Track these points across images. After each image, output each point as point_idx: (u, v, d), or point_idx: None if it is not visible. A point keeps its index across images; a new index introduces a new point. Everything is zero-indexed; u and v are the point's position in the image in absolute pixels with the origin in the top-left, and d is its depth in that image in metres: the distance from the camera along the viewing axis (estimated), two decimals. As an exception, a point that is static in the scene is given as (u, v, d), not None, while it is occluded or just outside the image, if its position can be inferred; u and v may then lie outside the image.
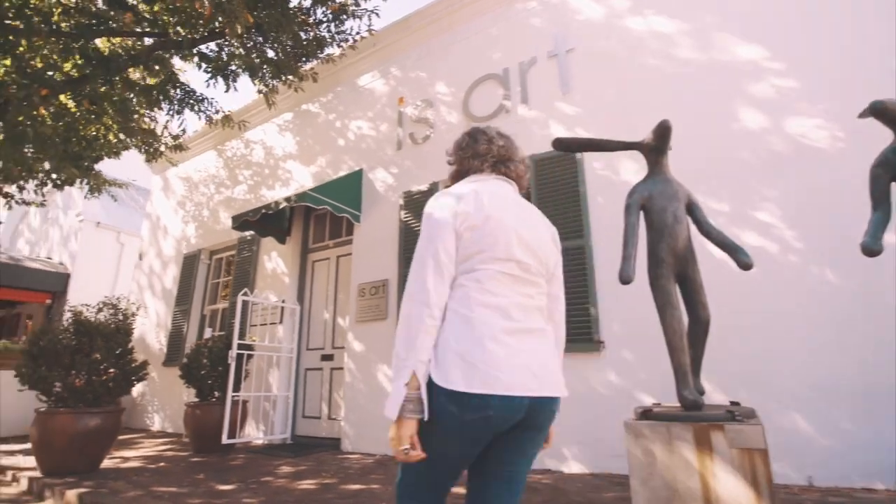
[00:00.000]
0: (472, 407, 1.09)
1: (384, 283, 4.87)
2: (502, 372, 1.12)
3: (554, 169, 4.23)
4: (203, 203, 7.40)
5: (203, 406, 4.77)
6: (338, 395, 5.17)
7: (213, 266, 7.14)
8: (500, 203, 1.28)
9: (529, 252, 1.27)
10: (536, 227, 1.33)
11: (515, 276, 1.24)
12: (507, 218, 1.26)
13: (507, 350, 1.15)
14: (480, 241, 1.22)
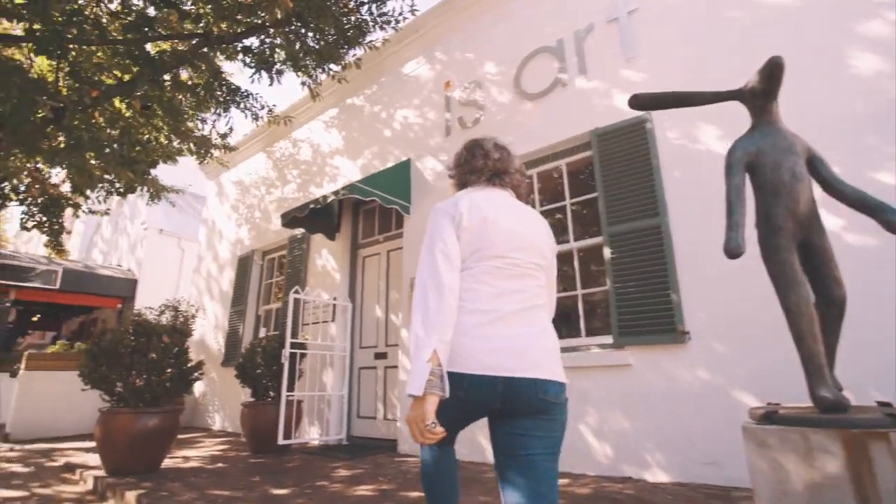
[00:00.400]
0: (464, 383, 1.21)
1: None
2: (480, 355, 1.22)
3: (620, 142, 3.80)
4: (254, 205, 7.46)
5: (258, 406, 4.70)
6: (393, 395, 4.96)
7: (265, 266, 7.17)
8: (494, 206, 1.38)
9: (524, 248, 1.36)
10: (531, 224, 1.42)
11: (511, 271, 1.33)
12: (501, 218, 1.36)
13: (491, 336, 1.24)
14: (477, 241, 1.32)
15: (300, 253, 6.20)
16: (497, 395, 1.23)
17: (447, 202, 1.40)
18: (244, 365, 4.89)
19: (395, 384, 4.95)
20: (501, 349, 1.24)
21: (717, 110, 3.45)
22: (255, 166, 7.73)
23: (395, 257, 5.39)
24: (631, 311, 3.44)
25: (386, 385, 5.08)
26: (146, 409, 3.73)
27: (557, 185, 4.45)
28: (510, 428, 1.26)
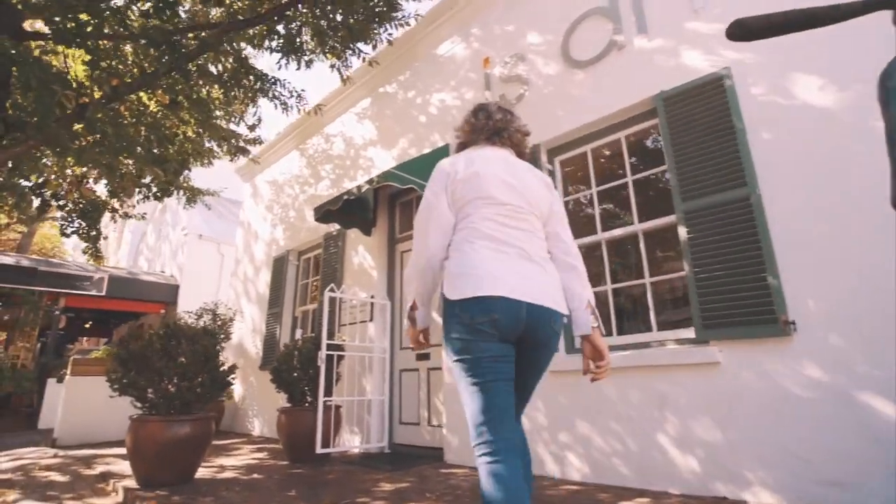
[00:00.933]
0: (477, 307, 1.29)
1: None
2: (502, 280, 1.32)
3: (692, 105, 3.27)
4: (289, 204, 7.28)
5: (295, 412, 4.41)
6: (437, 399, 4.57)
7: (301, 267, 6.96)
8: (487, 161, 1.52)
9: (516, 194, 1.48)
10: (523, 176, 1.54)
11: (506, 215, 1.45)
12: (492, 170, 1.50)
13: (505, 267, 1.36)
14: (471, 190, 1.47)
15: (335, 251, 5.92)
16: (521, 321, 1.32)
17: (449, 159, 1.57)
18: (279, 369, 4.62)
19: (439, 387, 4.56)
20: (518, 278, 1.34)
21: (813, 55, 2.88)
22: (289, 165, 7.56)
23: (435, 251, 5.01)
24: (717, 298, 2.91)
25: (430, 388, 4.69)
26: (177, 416, 3.49)
27: (615, 161, 3.94)
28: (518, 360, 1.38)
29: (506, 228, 1.43)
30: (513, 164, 1.55)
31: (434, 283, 1.52)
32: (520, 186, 1.50)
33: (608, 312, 3.59)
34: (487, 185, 1.46)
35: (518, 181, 1.50)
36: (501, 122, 1.64)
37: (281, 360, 4.64)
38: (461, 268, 1.36)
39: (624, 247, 3.86)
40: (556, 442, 3.42)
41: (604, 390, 3.26)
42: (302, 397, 4.55)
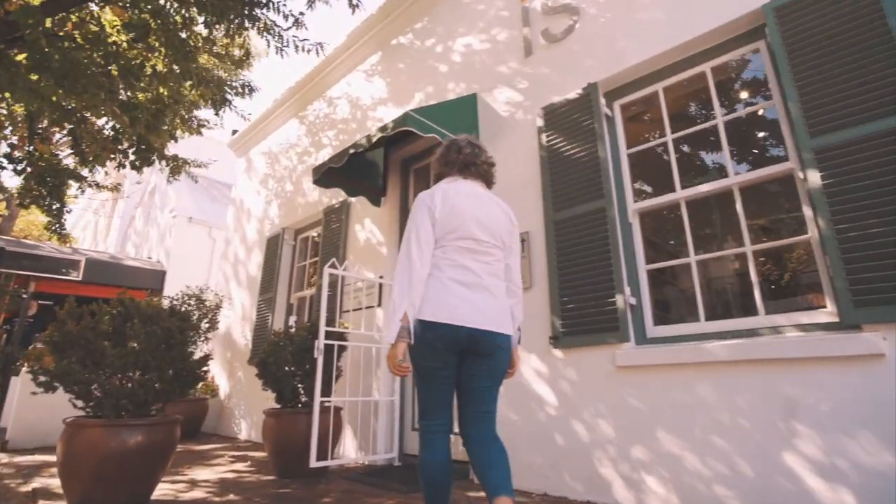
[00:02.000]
0: (433, 329, 1.69)
1: (524, 239, 3.35)
2: (454, 309, 1.70)
3: (823, 12, 2.42)
4: (285, 177, 6.44)
5: (285, 415, 3.57)
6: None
7: (298, 247, 6.12)
8: (461, 196, 1.83)
9: (485, 230, 1.82)
10: (491, 211, 1.87)
11: (474, 249, 1.80)
12: (465, 206, 1.81)
13: (461, 297, 1.72)
14: (447, 224, 1.78)
15: (337, 226, 5.08)
16: (462, 340, 1.70)
17: (426, 193, 1.87)
18: (267, 362, 3.78)
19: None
20: (468, 307, 1.71)
21: None
22: (286, 135, 6.72)
23: (458, 222, 4.17)
24: (875, 266, 2.06)
25: (450, 388, 3.84)
26: (127, 420, 2.65)
27: (696, 101, 3.10)
28: (468, 367, 1.76)
29: (471, 262, 1.78)
30: (483, 200, 1.87)
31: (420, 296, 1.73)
32: (488, 221, 1.83)
33: (693, 291, 2.74)
34: (460, 222, 1.78)
35: (486, 216, 1.83)
36: (470, 156, 1.95)
37: (269, 352, 3.80)
38: (429, 294, 1.72)
39: (716, 207, 3.02)
40: (628, 459, 2.57)
41: (697, 390, 2.42)
42: (294, 397, 3.71)
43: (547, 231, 3.20)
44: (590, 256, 2.95)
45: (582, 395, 2.82)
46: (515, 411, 3.10)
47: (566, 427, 2.84)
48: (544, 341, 3.06)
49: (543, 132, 3.42)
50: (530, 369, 3.10)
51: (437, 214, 1.78)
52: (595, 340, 2.81)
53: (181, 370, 2.93)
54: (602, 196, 2.99)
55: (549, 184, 3.28)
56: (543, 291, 3.14)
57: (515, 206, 3.47)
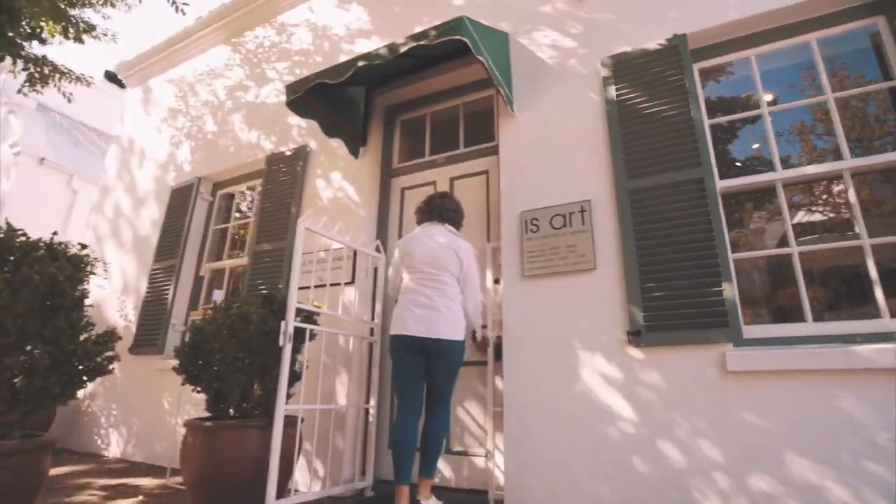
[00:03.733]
0: (394, 339, 2.43)
1: (583, 209, 2.67)
2: (407, 324, 2.38)
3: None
4: (205, 114, 4.97)
5: (226, 430, 2.39)
6: (470, 409, 2.90)
7: (219, 205, 4.71)
8: (417, 239, 2.57)
9: (432, 263, 2.47)
10: (437, 250, 2.50)
11: (424, 279, 2.46)
12: (420, 247, 2.52)
13: (413, 314, 2.39)
14: (408, 261, 2.54)
15: (288, 178, 3.91)
16: (416, 345, 2.36)
17: (402, 240, 2.70)
18: (195, 351, 2.55)
19: (470, 393, 2.90)
20: (421, 321, 2.36)
21: None
22: (211, 63, 5.24)
23: (470, 186, 3.36)
24: None
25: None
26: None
27: (795, 72, 2.73)
28: (430, 365, 2.40)
29: (422, 287, 2.45)
30: (437, 241, 2.53)
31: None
32: (434, 257, 2.48)
33: (790, 288, 2.30)
34: (413, 260, 2.51)
35: (434, 254, 2.49)
36: (437, 206, 2.67)
37: (198, 338, 2.57)
38: (394, 315, 2.49)
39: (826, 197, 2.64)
40: (746, 491, 2.00)
41: (840, 404, 1.94)
42: (237, 403, 2.53)
43: (619, 201, 2.56)
44: (684, 235, 2.37)
45: (673, 407, 2.20)
46: (571, 427, 2.37)
47: (650, 449, 2.20)
48: (615, 337, 2.39)
49: (612, 84, 2.80)
50: (592, 372, 2.40)
51: (403, 252, 2.60)
52: (694, 338, 2.22)
53: (72, 352, 1.67)
54: (699, 164, 2.44)
55: (620, 144, 2.66)
56: (614, 275, 2.49)
57: (567, 166, 2.80)
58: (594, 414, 2.34)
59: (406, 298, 2.44)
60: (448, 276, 2.44)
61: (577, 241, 2.61)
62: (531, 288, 2.68)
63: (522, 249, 2.74)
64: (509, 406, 2.55)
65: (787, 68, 2.74)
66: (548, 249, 2.67)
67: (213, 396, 2.48)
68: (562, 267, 2.60)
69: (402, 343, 2.37)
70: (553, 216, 2.72)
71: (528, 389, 2.53)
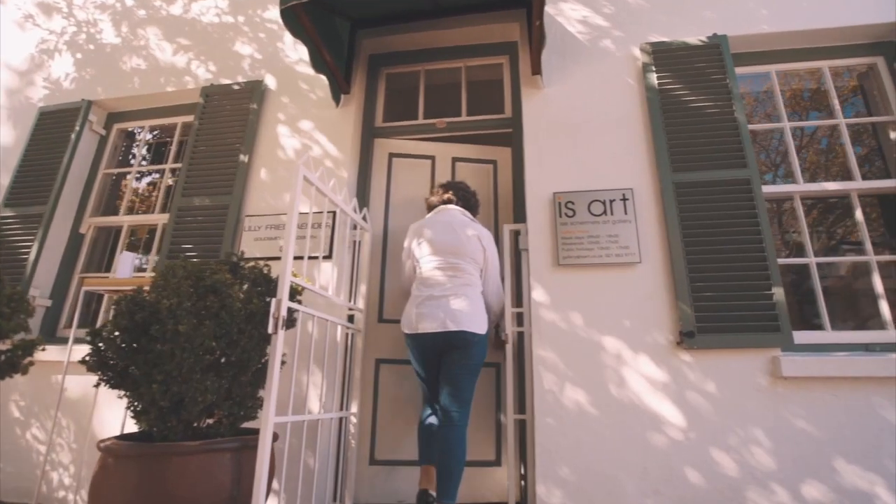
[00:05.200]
0: (408, 338, 2.19)
1: (625, 196, 2.45)
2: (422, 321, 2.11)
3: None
4: (101, 20, 3.73)
5: (184, 457, 1.62)
6: (481, 417, 2.49)
7: (115, 143, 3.54)
8: (432, 224, 2.31)
9: (449, 250, 2.22)
10: (457, 234, 2.24)
11: (444, 266, 2.20)
12: (435, 234, 2.26)
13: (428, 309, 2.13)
14: (418, 249, 2.29)
15: (237, 120, 3.06)
16: (438, 341, 2.10)
17: (415, 224, 2.41)
18: (135, 337, 1.73)
19: (492, 396, 2.50)
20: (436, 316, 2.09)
21: None
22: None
23: (472, 172, 2.95)
24: None
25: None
26: None
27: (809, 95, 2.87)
28: (447, 359, 2.11)
29: (441, 276, 2.19)
30: (453, 227, 2.27)
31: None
32: (454, 246, 2.22)
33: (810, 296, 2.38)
34: (430, 246, 2.25)
35: (451, 239, 2.23)
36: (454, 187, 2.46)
37: (141, 318, 1.74)
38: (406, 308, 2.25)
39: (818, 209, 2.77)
40: (798, 498, 1.94)
41: (883, 410, 1.99)
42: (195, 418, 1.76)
43: (664, 194, 2.40)
44: (732, 235, 2.29)
45: (725, 414, 2.08)
46: (615, 437, 2.12)
47: (702, 458, 2.04)
48: (662, 338, 2.21)
49: (652, 72, 2.65)
50: (637, 376, 2.19)
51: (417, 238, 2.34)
52: (746, 342, 2.13)
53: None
54: (745, 165, 2.40)
55: (663, 135, 2.51)
56: (660, 270, 2.31)
57: (606, 150, 2.57)
58: (641, 422, 2.13)
59: (420, 291, 2.20)
60: (470, 264, 2.22)
61: (619, 231, 2.39)
62: (566, 279, 2.38)
63: (556, 235, 2.43)
64: (540, 412, 2.21)
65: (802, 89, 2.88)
66: (586, 238, 2.40)
67: (160, 406, 1.69)
68: (603, 258, 2.35)
69: (416, 343, 2.16)
70: (591, 202, 2.46)
71: (562, 394, 2.22)
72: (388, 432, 2.57)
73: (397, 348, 2.74)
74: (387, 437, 2.56)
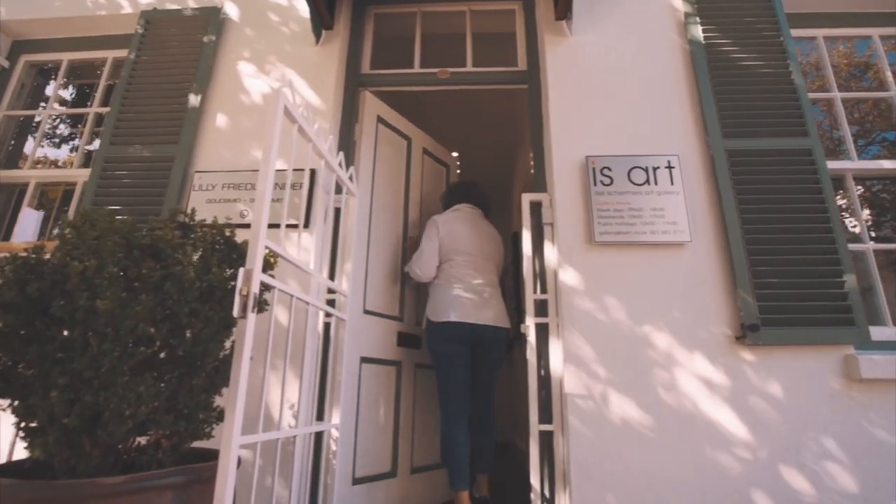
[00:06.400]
0: (444, 328, 2.12)
1: (671, 164, 2.06)
2: (455, 311, 2.14)
3: None
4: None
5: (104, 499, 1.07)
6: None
7: (22, 80, 2.79)
8: (459, 222, 2.34)
9: (477, 249, 2.31)
10: (482, 236, 2.36)
11: (469, 263, 2.27)
12: (463, 230, 2.31)
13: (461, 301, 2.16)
14: (450, 244, 2.28)
15: (187, 54, 2.43)
16: (461, 332, 2.12)
17: (440, 217, 2.35)
18: (24, 319, 1.14)
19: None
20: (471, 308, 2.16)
21: None
22: None
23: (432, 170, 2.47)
24: None
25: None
26: None
27: (856, 65, 2.59)
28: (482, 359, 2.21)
29: (468, 274, 2.25)
30: (478, 227, 2.38)
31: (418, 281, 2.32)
32: (479, 245, 2.32)
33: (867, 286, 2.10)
34: (460, 243, 2.28)
35: (478, 240, 2.33)
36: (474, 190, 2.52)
37: (38, 290, 1.16)
38: (440, 301, 2.19)
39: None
40: (880, 530, 1.63)
41: (967, 424, 1.71)
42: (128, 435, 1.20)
43: (716, 162, 2.04)
44: (796, 212, 1.95)
45: (795, 424, 1.74)
46: (665, 452, 1.73)
47: (773, 478, 1.69)
48: (718, 332, 1.84)
49: (696, 24, 2.28)
50: (691, 377, 1.81)
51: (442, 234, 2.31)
52: (817, 338, 1.80)
53: None
54: (806, 133, 2.07)
55: (711, 95, 2.15)
56: (713, 252, 1.94)
57: (645, 111, 2.17)
58: (696, 433, 1.75)
59: (453, 283, 2.23)
60: (492, 264, 2.37)
61: (665, 203, 1.99)
62: (602, 258, 1.96)
63: (590, 206, 2.01)
64: (574, 422, 1.79)
65: (850, 59, 2.60)
66: (627, 210, 1.99)
67: (62, 424, 1.11)
68: (648, 235, 1.95)
69: (453, 332, 2.13)
70: (632, 168, 2.05)
71: (600, 399, 1.81)
72: (370, 445, 2.07)
73: (385, 346, 2.25)
74: (369, 450, 2.06)
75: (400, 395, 2.33)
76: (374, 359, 2.23)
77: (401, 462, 2.24)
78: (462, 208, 2.44)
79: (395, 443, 2.25)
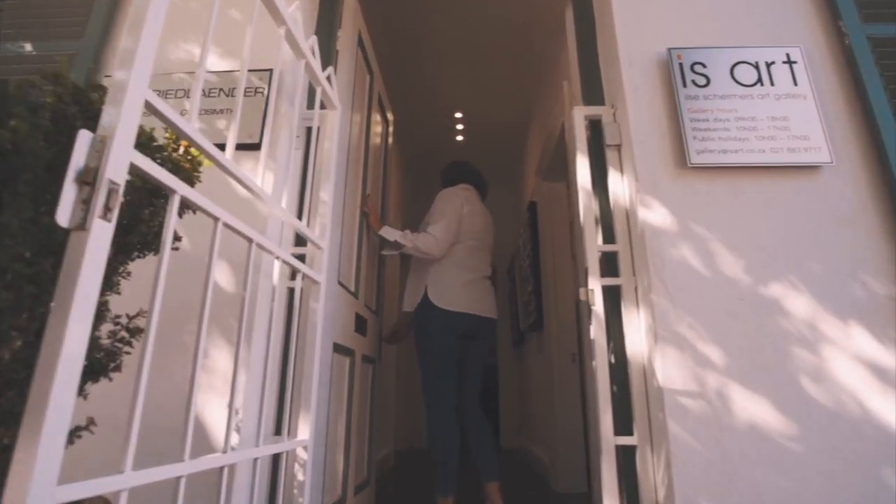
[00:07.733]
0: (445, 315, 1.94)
1: (790, 58, 1.43)
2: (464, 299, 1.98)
3: None
4: None
5: None
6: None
7: None
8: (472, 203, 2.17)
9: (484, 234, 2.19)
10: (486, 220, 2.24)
11: (477, 248, 2.13)
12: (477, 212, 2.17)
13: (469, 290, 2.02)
14: (468, 226, 2.10)
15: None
16: (465, 323, 1.97)
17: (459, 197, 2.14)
18: None
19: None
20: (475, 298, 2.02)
21: None
22: None
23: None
24: None
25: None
26: None
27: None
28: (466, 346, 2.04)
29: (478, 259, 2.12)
30: (483, 210, 2.24)
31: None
32: (484, 227, 2.19)
33: None
34: (472, 226, 2.12)
35: (485, 224, 2.21)
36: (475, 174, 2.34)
37: None
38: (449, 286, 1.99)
39: None
40: None
41: None
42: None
43: (857, 54, 1.43)
44: (977, 121, 1.35)
45: None
46: (818, 469, 1.12)
47: None
48: (877, 290, 1.24)
49: None
50: (847, 357, 1.20)
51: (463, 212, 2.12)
52: None
53: None
54: (976, 14, 1.47)
55: (838, -33, 1.53)
56: (862, 177, 1.33)
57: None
58: (861, 444, 1.14)
59: (465, 268, 2.08)
60: (488, 252, 2.27)
61: (788, 111, 1.37)
62: (702, 189, 1.34)
63: (680, 116, 1.38)
64: (678, 430, 1.16)
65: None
66: (734, 120, 1.37)
67: None
68: (767, 154, 1.33)
69: (458, 322, 1.98)
70: (736, 63, 1.43)
71: (717, 397, 1.18)
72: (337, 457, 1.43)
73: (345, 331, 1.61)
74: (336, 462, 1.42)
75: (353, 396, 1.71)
76: (342, 347, 1.59)
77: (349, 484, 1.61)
78: (470, 189, 2.26)
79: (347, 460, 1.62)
